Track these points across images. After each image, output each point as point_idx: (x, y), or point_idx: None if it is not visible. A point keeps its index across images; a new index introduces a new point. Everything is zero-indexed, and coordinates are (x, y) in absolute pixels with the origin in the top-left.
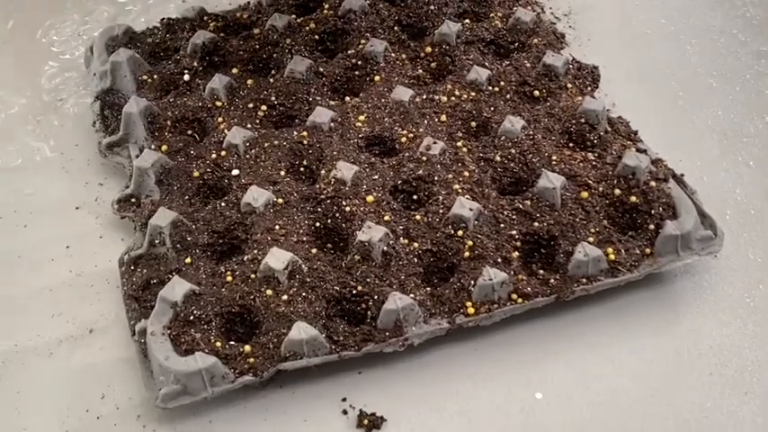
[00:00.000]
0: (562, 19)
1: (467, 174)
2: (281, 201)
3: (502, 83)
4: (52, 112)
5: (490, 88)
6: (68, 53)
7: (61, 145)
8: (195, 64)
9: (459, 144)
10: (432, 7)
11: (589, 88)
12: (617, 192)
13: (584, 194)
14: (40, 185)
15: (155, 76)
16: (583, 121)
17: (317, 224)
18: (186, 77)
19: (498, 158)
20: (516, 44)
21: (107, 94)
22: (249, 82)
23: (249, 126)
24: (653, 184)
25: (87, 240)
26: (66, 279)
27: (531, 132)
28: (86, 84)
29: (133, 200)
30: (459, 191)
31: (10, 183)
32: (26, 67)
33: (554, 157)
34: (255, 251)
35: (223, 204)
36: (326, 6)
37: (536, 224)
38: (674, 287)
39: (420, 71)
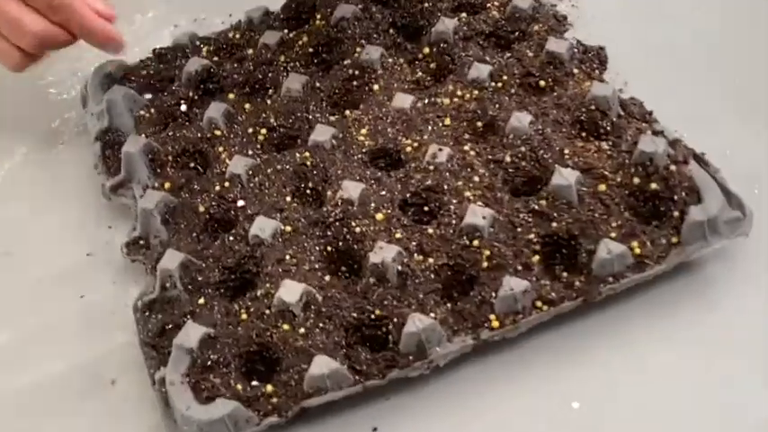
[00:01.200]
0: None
1: (477, 179)
2: (289, 228)
3: (505, 77)
4: (54, 157)
5: (493, 84)
6: (65, 92)
7: (66, 190)
8: (191, 93)
9: (467, 148)
10: (426, 5)
11: (597, 71)
12: (636, 180)
13: (602, 187)
14: (49, 234)
15: (152, 111)
16: (593, 108)
17: (329, 248)
18: (183, 108)
19: (508, 159)
20: (516, 33)
21: (106, 134)
22: (247, 106)
23: (250, 152)
24: (673, 168)
25: (101, 287)
26: (81, 330)
27: (539, 127)
28: (85, 124)
29: (142, 242)
30: (471, 198)
31: (19, 234)
32: (25, 113)
33: (566, 151)
34: (268, 285)
35: (231, 238)
36: (318, 17)
37: (554, 225)
38: (704, 274)
39: (420, 74)
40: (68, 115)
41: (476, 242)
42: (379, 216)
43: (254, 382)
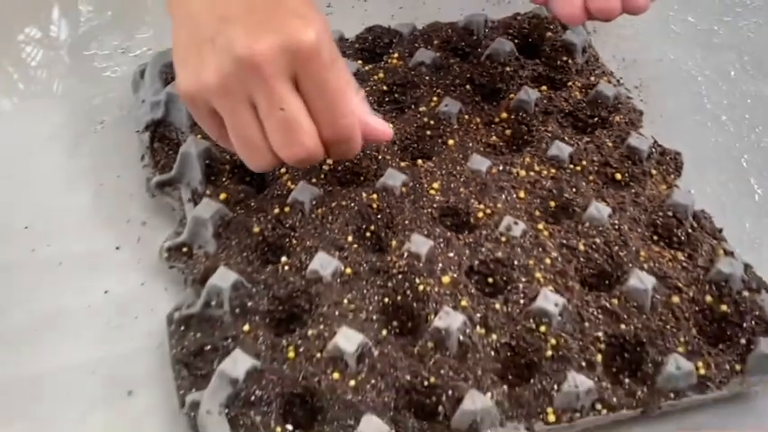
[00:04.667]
0: (632, 92)
1: (548, 261)
2: (349, 271)
3: (584, 162)
4: (91, 137)
5: (571, 167)
6: (110, 70)
7: (101, 176)
8: None
9: (540, 226)
10: (507, 69)
11: (672, 176)
12: (708, 299)
13: (675, 299)
14: (78, 221)
15: None
16: (670, 214)
17: (387, 300)
18: None
19: (582, 247)
20: (596, 119)
21: (158, 126)
22: None
23: (314, 181)
24: (746, 293)
25: (127, 286)
26: (101, 327)
27: (616, 222)
28: (132, 109)
29: (185, 249)
30: (541, 280)
31: (43, 211)
32: (64, 82)
33: (642, 253)
34: (321, 326)
35: (286, 268)
36: (395, 56)
37: (623, 326)
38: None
39: (494, 137)
40: (112, 95)
41: (543, 328)
42: (446, 279)
43: (290, 426)
